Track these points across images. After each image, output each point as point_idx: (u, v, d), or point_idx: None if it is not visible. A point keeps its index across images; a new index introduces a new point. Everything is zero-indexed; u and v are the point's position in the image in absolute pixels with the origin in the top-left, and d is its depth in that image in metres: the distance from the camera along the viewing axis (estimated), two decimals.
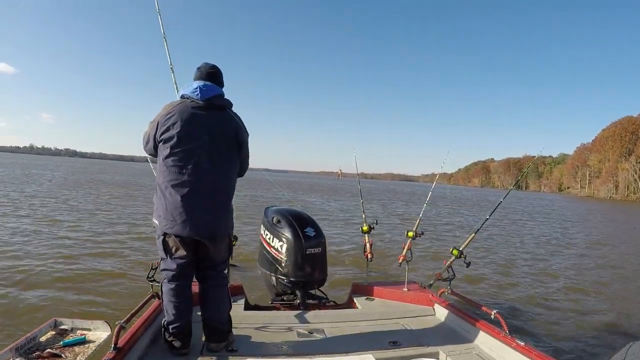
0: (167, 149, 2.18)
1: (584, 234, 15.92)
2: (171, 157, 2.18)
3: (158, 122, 2.22)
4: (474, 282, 6.53)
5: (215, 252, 2.35)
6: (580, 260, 9.78)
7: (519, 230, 15.07)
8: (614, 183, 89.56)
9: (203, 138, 2.21)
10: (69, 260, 6.28)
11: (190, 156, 2.18)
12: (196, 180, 2.18)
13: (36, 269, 5.66)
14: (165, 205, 2.19)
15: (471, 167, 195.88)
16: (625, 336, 4.69)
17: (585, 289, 6.80)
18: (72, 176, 33.06)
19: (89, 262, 6.24)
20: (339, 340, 2.57)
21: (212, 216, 2.24)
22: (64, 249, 6.95)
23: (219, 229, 2.29)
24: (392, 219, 16.31)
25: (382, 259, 7.27)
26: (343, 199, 27.53)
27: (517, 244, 11.61)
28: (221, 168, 2.27)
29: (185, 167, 2.17)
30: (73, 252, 6.79)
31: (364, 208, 4.21)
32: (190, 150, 2.18)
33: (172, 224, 2.17)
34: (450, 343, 2.54)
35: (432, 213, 18.70)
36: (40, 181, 24.12)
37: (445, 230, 13.36)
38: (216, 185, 2.25)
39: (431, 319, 3.04)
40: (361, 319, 2.96)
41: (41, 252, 6.65)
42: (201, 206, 2.19)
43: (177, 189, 2.16)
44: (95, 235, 8.40)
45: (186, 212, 2.16)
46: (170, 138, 2.18)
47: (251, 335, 2.58)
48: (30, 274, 5.43)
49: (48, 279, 5.30)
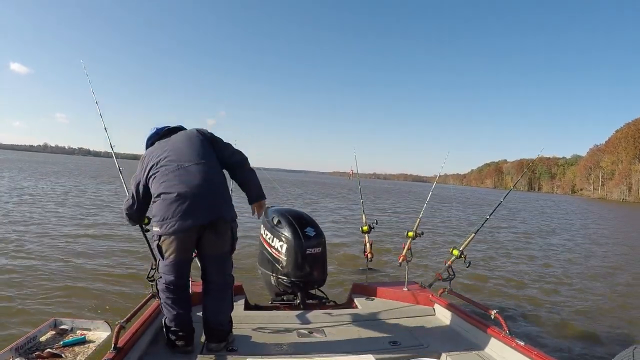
0: (154, 175, 2.30)
1: (585, 235, 15.93)
2: (158, 175, 2.28)
3: (143, 167, 2.36)
4: (474, 282, 6.53)
5: (218, 244, 2.35)
6: (581, 261, 9.78)
7: (520, 230, 15.08)
8: (627, 185, 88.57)
9: (178, 149, 2.35)
10: (68, 259, 6.28)
11: (173, 166, 2.28)
12: (186, 178, 2.24)
13: (36, 268, 5.66)
14: (161, 207, 2.22)
15: (484, 168, 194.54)
16: (628, 337, 4.68)
17: (586, 290, 6.79)
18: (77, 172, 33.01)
19: (89, 262, 6.24)
20: (339, 340, 2.57)
21: (210, 200, 2.26)
22: (64, 249, 6.95)
23: (220, 211, 2.30)
24: (393, 217, 16.31)
25: (382, 258, 7.27)
26: (341, 195, 27.53)
27: (518, 244, 11.62)
28: (205, 161, 2.34)
29: (172, 174, 2.26)
30: (72, 252, 6.79)
31: (364, 208, 4.21)
32: (172, 161, 2.30)
33: (171, 221, 2.18)
34: (451, 343, 2.54)
35: (435, 213, 18.72)
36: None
37: (446, 230, 13.37)
38: (205, 174, 2.30)
39: (431, 319, 3.04)
40: (361, 319, 2.96)
41: (40, 251, 6.65)
42: (197, 194, 2.22)
43: (170, 190, 2.22)
44: (95, 235, 8.40)
45: (184, 205, 2.18)
46: (154, 166, 2.32)
47: (251, 335, 2.58)
48: (30, 273, 5.43)
49: (48, 278, 5.30)
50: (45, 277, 5.33)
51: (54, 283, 5.14)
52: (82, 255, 6.65)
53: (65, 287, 5.03)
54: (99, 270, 5.86)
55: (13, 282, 5.05)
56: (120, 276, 5.61)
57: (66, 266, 5.92)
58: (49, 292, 4.83)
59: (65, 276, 5.44)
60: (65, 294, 4.81)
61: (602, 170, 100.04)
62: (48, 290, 4.89)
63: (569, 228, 17.89)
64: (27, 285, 4.99)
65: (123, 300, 4.68)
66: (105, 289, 5.03)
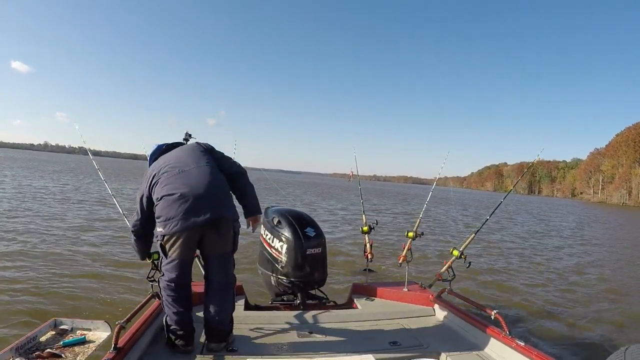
0: (156, 182, 2.35)
1: (583, 237, 15.92)
2: (160, 181, 2.33)
3: (146, 180, 2.41)
4: (474, 283, 6.53)
5: (220, 243, 2.37)
6: (582, 261, 9.78)
7: (518, 232, 15.08)
8: (627, 189, 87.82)
9: (179, 157, 2.43)
10: (68, 259, 6.27)
11: (175, 170, 2.35)
12: (187, 180, 2.29)
13: (36, 268, 5.66)
14: (164, 208, 2.24)
15: (484, 171, 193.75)
16: (625, 337, 4.68)
17: (586, 291, 6.80)
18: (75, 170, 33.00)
19: (89, 262, 6.23)
20: (339, 340, 2.57)
21: (212, 199, 2.28)
22: (64, 248, 6.94)
23: (222, 210, 2.32)
24: (393, 217, 16.32)
25: (382, 259, 7.27)
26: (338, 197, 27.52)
27: (517, 245, 11.62)
28: (205, 165, 2.40)
29: (174, 177, 2.32)
30: (72, 252, 6.78)
31: (364, 209, 4.21)
32: (173, 167, 2.36)
33: (174, 221, 2.21)
34: (451, 343, 2.54)
35: (434, 214, 18.72)
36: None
37: (445, 231, 13.37)
38: (206, 175, 2.34)
39: (431, 319, 3.04)
40: (361, 319, 2.96)
41: (40, 250, 6.64)
42: (199, 194, 2.25)
43: (173, 191, 2.26)
44: (95, 235, 8.40)
45: (187, 204, 2.22)
46: (156, 175, 2.37)
47: (251, 335, 2.58)
48: (30, 273, 5.43)
49: (48, 278, 5.29)
50: (45, 277, 5.32)
51: (54, 283, 5.14)
52: (82, 255, 6.64)
53: (65, 287, 5.02)
54: (99, 269, 5.86)
55: (12, 282, 5.05)
56: (120, 276, 5.61)
57: (66, 266, 5.91)
58: (48, 292, 4.83)
59: (65, 276, 5.44)
60: (65, 294, 4.81)
61: (602, 174, 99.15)
62: (48, 290, 4.89)
63: (567, 231, 17.88)
64: (27, 284, 4.99)
65: (123, 300, 4.67)
66: (105, 289, 5.03)
